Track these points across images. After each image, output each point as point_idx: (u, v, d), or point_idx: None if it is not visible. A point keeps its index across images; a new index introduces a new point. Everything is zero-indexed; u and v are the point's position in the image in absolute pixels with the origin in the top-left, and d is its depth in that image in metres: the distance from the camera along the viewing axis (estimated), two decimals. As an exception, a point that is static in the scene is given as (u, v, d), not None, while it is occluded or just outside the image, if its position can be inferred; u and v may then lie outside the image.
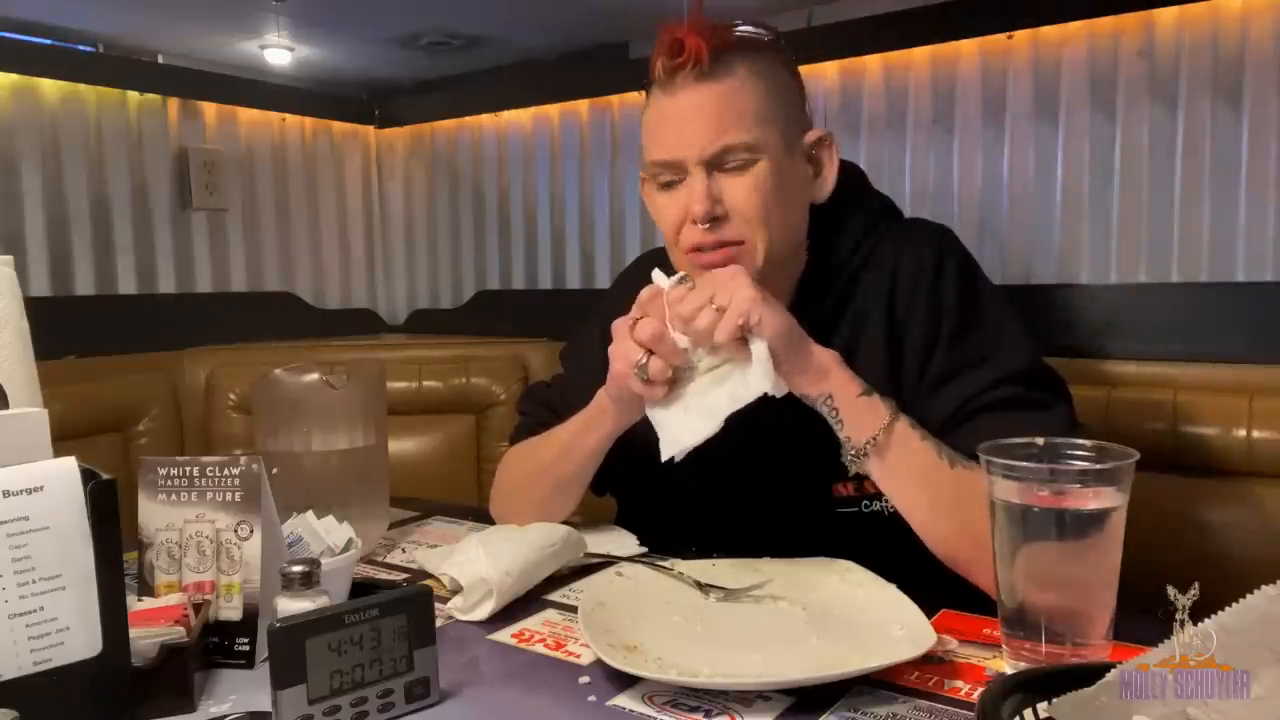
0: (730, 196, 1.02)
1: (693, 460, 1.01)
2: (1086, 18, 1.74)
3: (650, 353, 0.97)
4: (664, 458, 0.98)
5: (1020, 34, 1.81)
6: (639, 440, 1.07)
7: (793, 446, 1.04)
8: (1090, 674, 0.59)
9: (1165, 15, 1.68)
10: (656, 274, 1.01)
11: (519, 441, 1.27)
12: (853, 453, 0.96)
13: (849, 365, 1.01)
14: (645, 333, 0.96)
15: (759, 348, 0.92)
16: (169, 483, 0.88)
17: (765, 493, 1.10)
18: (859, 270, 1.09)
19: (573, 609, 0.95)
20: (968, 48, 1.86)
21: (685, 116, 1.02)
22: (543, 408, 1.26)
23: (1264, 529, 1.37)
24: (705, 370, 0.98)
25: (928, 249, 1.07)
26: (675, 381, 0.99)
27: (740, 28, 1.05)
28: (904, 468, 0.96)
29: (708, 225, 1.01)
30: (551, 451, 1.16)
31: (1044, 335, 1.08)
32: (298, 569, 0.75)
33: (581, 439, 1.12)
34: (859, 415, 0.96)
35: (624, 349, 0.99)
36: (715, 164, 1.02)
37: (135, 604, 0.82)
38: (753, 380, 0.93)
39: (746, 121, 1.00)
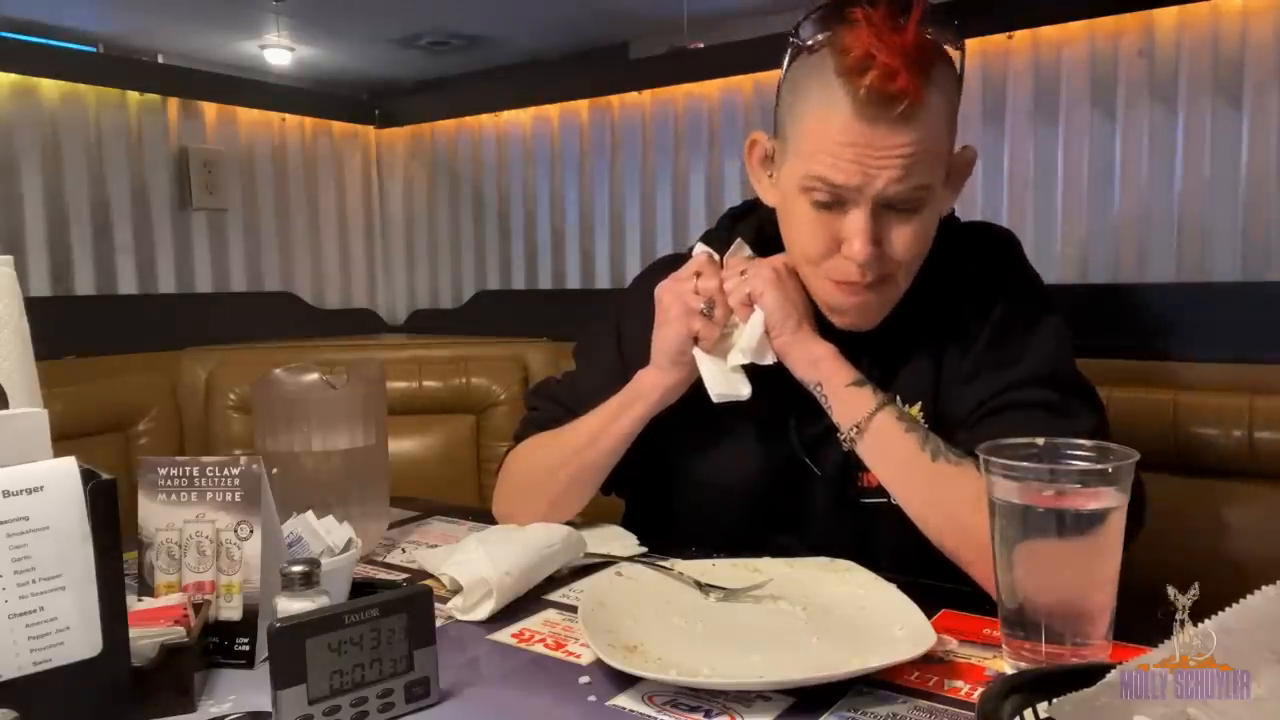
0: (894, 239, 0.96)
1: (722, 448, 1.07)
2: (1086, 18, 1.74)
3: (710, 300, 1.05)
4: (714, 398, 1.04)
5: (1020, 34, 1.81)
6: (659, 435, 1.11)
7: (822, 435, 1.06)
8: (1090, 674, 0.59)
9: (1165, 15, 1.68)
10: (700, 245, 1.12)
11: (527, 436, 1.26)
12: (841, 437, 1.02)
13: (903, 365, 1.08)
14: (711, 283, 1.05)
15: (756, 316, 1.04)
16: (169, 483, 0.88)
17: (794, 480, 1.11)
18: (924, 274, 1.06)
19: (573, 609, 0.95)
20: (968, 48, 1.86)
21: (874, 151, 0.91)
22: (553, 403, 1.25)
23: (1264, 529, 1.37)
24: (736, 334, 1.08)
25: (990, 253, 1.09)
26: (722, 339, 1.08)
27: (935, 33, 0.94)
28: (886, 457, 1.01)
29: (864, 264, 0.96)
30: (576, 441, 1.15)
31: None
32: (298, 569, 0.75)
33: (616, 423, 1.12)
34: (846, 403, 1.01)
35: (685, 298, 1.05)
36: (886, 203, 0.95)
37: (135, 604, 0.82)
38: (742, 341, 1.04)
39: (933, 164, 0.94)
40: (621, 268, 2.41)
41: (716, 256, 1.09)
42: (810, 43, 0.95)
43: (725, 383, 1.05)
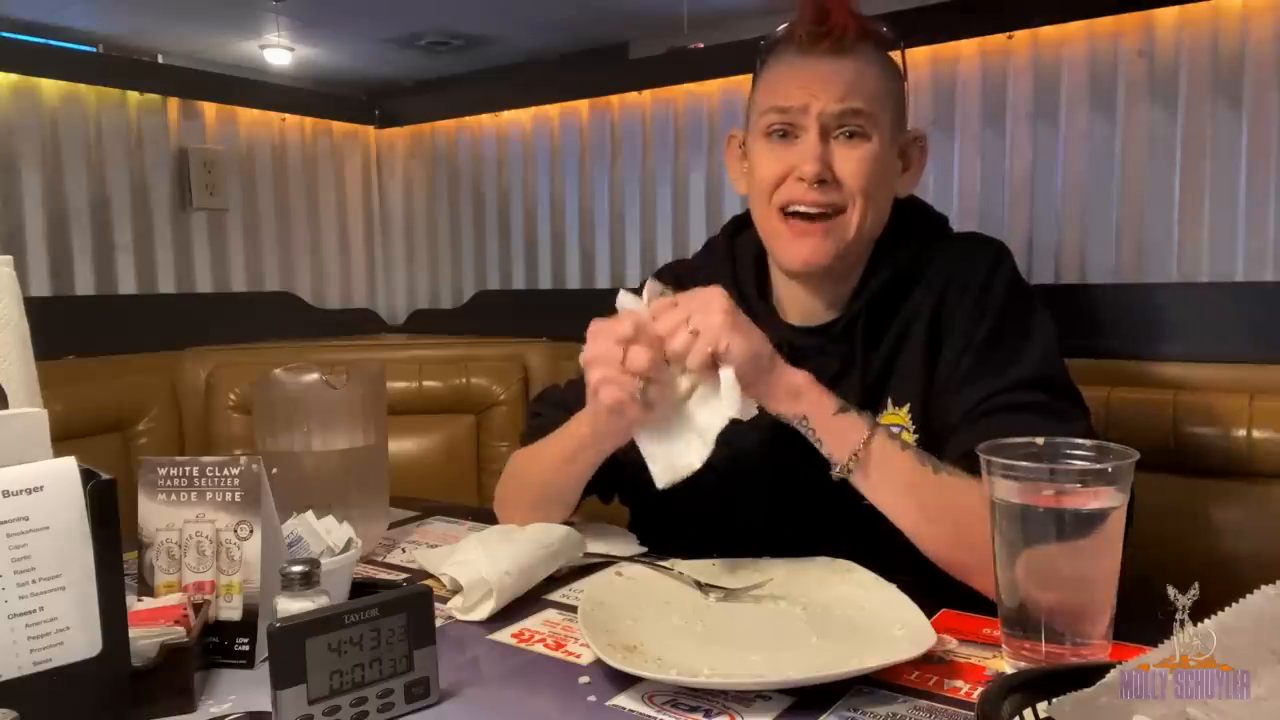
0: (840, 164, 1.06)
1: (723, 461, 1.01)
2: (1086, 18, 1.74)
3: (647, 380, 0.94)
4: (660, 486, 0.97)
5: (1020, 34, 1.81)
6: None
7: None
8: (1090, 674, 0.59)
9: (1165, 15, 1.68)
10: (625, 296, 0.98)
11: (530, 441, 1.26)
12: (837, 469, 0.97)
13: (891, 368, 1.08)
14: (642, 362, 0.93)
15: (726, 374, 0.92)
16: (169, 483, 0.88)
17: (794, 489, 1.11)
18: (914, 280, 1.11)
19: (573, 609, 0.95)
20: (968, 48, 1.86)
21: (816, 76, 1.06)
22: (556, 408, 1.25)
23: (1264, 529, 1.37)
24: (684, 390, 0.97)
25: (981, 260, 1.10)
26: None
27: (873, 21, 1.10)
28: (888, 480, 0.97)
29: (815, 185, 1.04)
30: (542, 473, 1.17)
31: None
32: (298, 569, 0.75)
33: (568, 467, 1.12)
34: (837, 433, 0.97)
35: (616, 378, 0.94)
36: (831, 129, 1.06)
37: (135, 604, 0.82)
38: (721, 405, 0.93)
39: (869, 98, 1.06)
40: (621, 268, 2.40)
41: (643, 306, 0.97)
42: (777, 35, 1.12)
43: (671, 467, 0.96)
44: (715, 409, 0.95)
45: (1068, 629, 0.77)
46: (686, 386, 0.97)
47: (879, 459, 0.96)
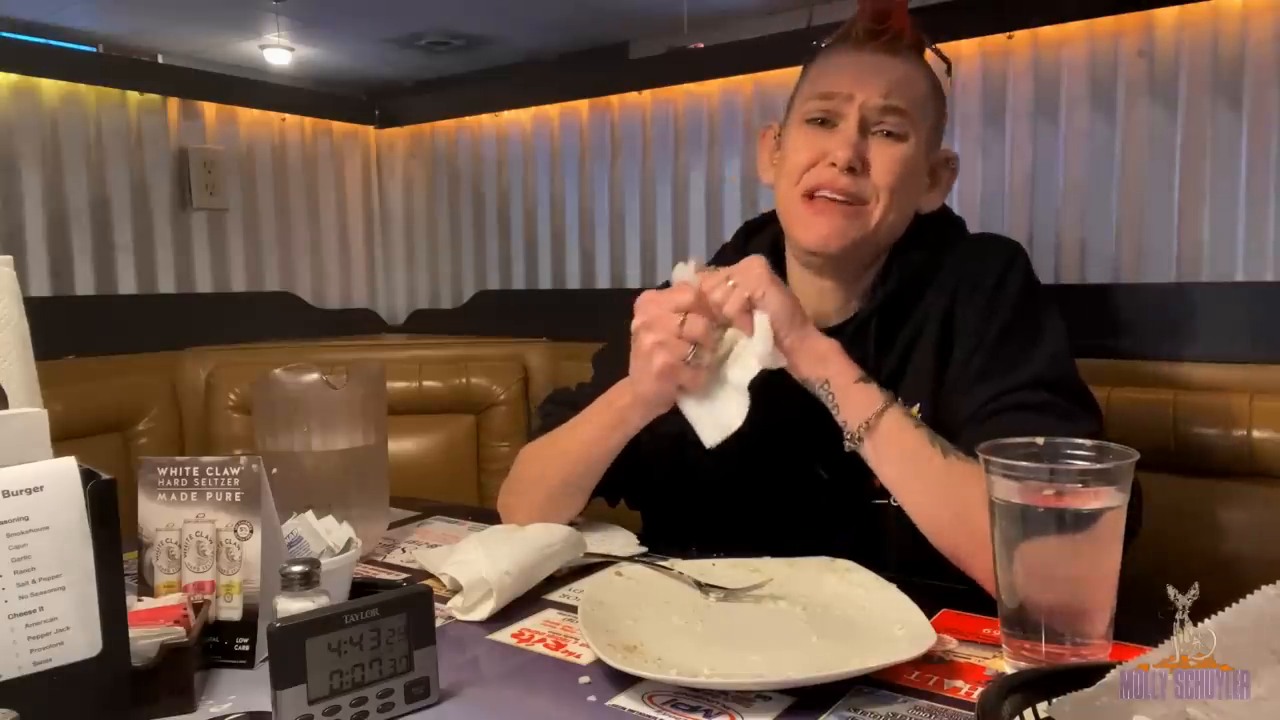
0: (874, 158, 1.08)
1: (734, 458, 1.03)
2: (1086, 18, 1.74)
3: (697, 344, 1.00)
4: (709, 445, 1.01)
5: (1020, 34, 1.81)
6: (668, 452, 1.11)
7: (830, 439, 1.05)
8: (1090, 674, 0.59)
9: (1165, 15, 1.68)
10: (680, 267, 1.05)
11: (538, 438, 1.26)
12: (848, 436, 1.00)
13: (904, 369, 1.09)
14: (699, 328, 0.99)
15: (761, 319, 0.98)
16: (169, 483, 0.88)
17: (805, 484, 1.11)
18: (928, 281, 1.12)
19: (573, 609, 0.95)
20: (968, 48, 1.86)
21: (866, 68, 1.10)
22: (567, 407, 1.25)
23: (1264, 529, 1.37)
24: (723, 351, 1.03)
25: (995, 261, 1.11)
26: None
27: (928, 35, 1.17)
28: (895, 453, 0.99)
29: (845, 173, 1.07)
30: (568, 452, 1.16)
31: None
32: (298, 569, 0.75)
33: (603, 440, 1.12)
34: (854, 400, 1.00)
35: (670, 343, 0.99)
36: (871, 123, 1.08)
37: (135, 604, 0.82)
38: (753, 349, 0.99)
39: (911, 100, 1.09)
40: (621, 268, 2.41)
41: (690, 274, 1.03)
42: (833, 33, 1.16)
43: (716, 425, 1.01)
44: (746, 363, 1.00)
45: (1068, 629, 0.77)
46: (724, 349, 1.02)
47: (889, 429, 0.98)
